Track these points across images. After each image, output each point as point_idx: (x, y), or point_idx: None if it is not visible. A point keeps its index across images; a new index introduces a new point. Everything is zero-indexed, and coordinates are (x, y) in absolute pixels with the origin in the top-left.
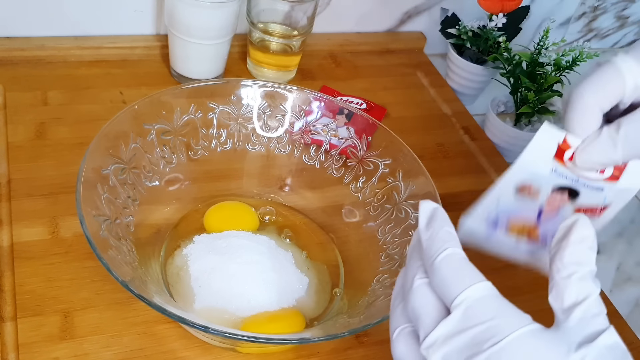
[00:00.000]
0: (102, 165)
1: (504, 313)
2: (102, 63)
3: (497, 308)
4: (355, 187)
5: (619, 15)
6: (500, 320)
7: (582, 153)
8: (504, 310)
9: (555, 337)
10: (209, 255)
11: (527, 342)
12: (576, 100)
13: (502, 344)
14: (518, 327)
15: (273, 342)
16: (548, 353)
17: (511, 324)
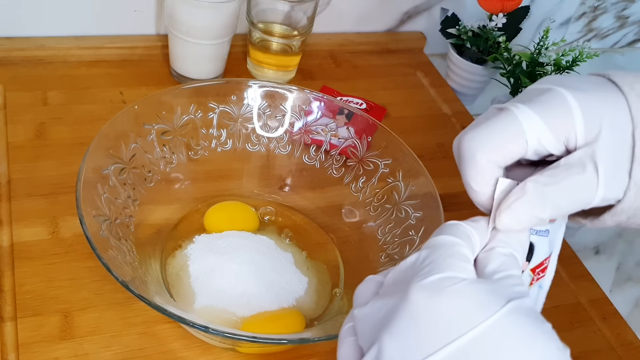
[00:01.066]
0: (102, 165)
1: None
2: (102, 63)
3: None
4: (355, 187)
5: (619, 15)
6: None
7: (507, 212)
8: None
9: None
10: (209, 255)
11: (465, 286)
12: (467, 155)
13: (431, 278)
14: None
15: (273, 342)
16: (472, 299)
17: (451, 265)
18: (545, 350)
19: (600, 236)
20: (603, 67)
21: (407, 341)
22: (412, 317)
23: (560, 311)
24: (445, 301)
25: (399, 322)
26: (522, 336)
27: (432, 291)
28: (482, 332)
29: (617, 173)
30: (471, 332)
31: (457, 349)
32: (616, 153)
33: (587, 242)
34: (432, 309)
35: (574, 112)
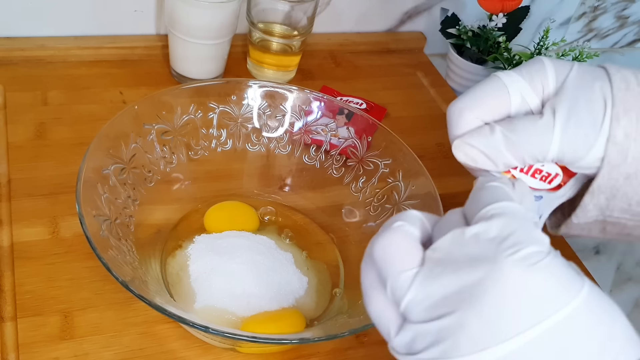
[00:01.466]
0: (102, 165)
1: (531, 227)
2: (102, 63)
3: (524, 221)
4: (355, 187)
5: (619, 15)
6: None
7: (461, 139)
8: (530, 222)
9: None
10: (209, 255)
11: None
12: (454, 114)
13: (523, 252)
14: (542, 243)
15: (273, 342)
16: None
17: (535, 238)
18: (624, 326)
19: None
20: None
21: (495, 319)
22: (505, 295)
23: None
24: (540, 278)
25: (489, 299)
26: (604, 314)
27: (528, 267)
28: (571, 313)
29: (578, 124)
30: (561, 313)
31: (547, 329)
32: (581, 105)
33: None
34: (528, 287)
35: (547, 69)
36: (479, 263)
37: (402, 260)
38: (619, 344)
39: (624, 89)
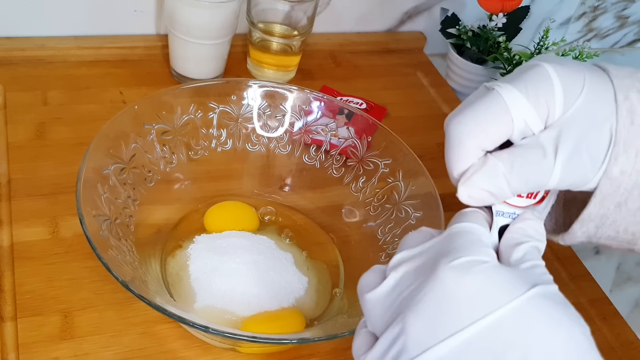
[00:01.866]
0: (102, 165)
1: (475, 242)
2: (102, 63)
3: (472, 237)
4: (355, 187)
5: (619, 15)
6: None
7: (466, 183)
8: (477, 240)
9: (507, 272)
10: (209, 255)
11: (487, 269)
12: (454, 140)
13: (459, 261)
14: (482, 254)
15: (273, 342)
16: (497, 281)
17: (475, 249)
18: (569, 333)
19: None
20: None
21: (433, 319)
22: (441, 296)
23: None
24: (473, 281)
25: (427, 301)
26: (546, 319)
27: (461, 271)
28: (507, 313)
29: (580, 165)
30: (496, 313)
31: (482, 328)
32: (584, 146)
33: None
34: (461, 288)
35: (555, 90)
36: (422, 272)
37: (367, 287)
38: (560, 348)
39: (629, 124)
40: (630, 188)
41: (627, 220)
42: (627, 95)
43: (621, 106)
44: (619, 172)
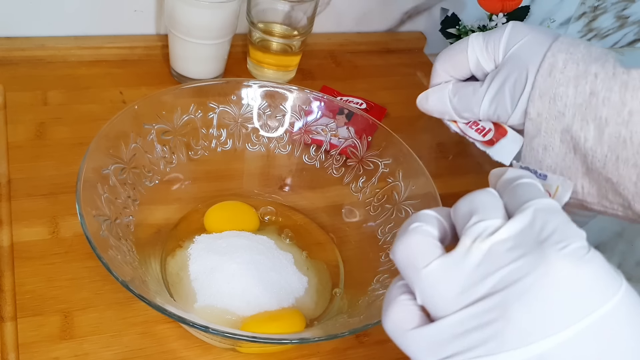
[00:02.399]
0: (102, 165)
1: (571, 224)
2: (102, 63)
3: (565, 218)
4: (355, 187)
5: (619, 15)
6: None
7: (423, 92)
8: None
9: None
10: (209, 255)
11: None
12: (433, 67)
13: (571, 247)
14: (581, 239)
15: (273, 342)
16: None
17: (575, 234)
18: None
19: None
20: None
21: (545, 311)
22: (555, 286)
23: None
24: (588, 270)
25: (537, 291)
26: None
27: (575, 260)
28: (618, 303)
29: (502, 99)
30: (609, 304)
31: (596, 320)
32: (508, 84)
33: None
34: (577, 279)
35: (504, 36)
36: (526, 257)
37: (424, 259)
38: None
39: (546, 75)
40: (551, 132)
41: (559, 165)
42: (555, 54)
43: (546, 60)
44: (536, 114)
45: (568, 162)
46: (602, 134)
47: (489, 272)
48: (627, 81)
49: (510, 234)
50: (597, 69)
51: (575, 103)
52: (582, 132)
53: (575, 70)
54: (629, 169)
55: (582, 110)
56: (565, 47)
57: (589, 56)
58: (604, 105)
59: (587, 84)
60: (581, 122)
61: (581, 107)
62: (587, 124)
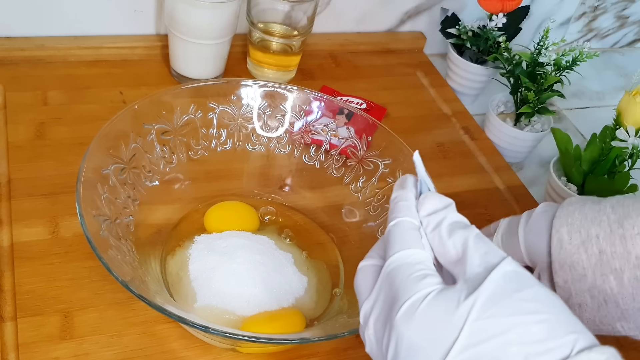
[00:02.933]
0: (102, 165)
1: (410, 279)
2: (102, 63)
3: (407, 273)
4: (355, 187)
5: (619, 15)
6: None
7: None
8: (412, 274)
9: (449, 293)
10: (209, 255)
11: (426, 305)
12: None
13: (402, 309)
14: (418, 291)
15: (273, 342)
16: (440, 308)
17: (412, 289)
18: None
19: None
20: (603, 66)
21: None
22: (406, 348)
23: None
24: (422, 322)
25: (403, 355)
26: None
27: (409, 318)
28: (468, 329)
29: None
30: (464, 330)
31: (460, 349)
32: None
33: None
34: (415, 334)
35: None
36: (384, 324)
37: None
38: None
39: (559, 248)
40: (580, 292)
41: (596, 316)
42: (558, 229)
43: (554, 237)
44: (563, 282)
45: (603, 312)
46: (622, 280)
47: (380, 345)
48: (623, 234)
49: (371, 305)
50: (597, 230)
51: (590, 264)
52: (605, 284)
53: (579, 237)
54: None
55: (599, 268)
56: (564, 219)
57: (585, 220)
58: (614, 258)
59: (594, 246)
60: (602, 277)
61: (597, 266)
62: (607, 276)
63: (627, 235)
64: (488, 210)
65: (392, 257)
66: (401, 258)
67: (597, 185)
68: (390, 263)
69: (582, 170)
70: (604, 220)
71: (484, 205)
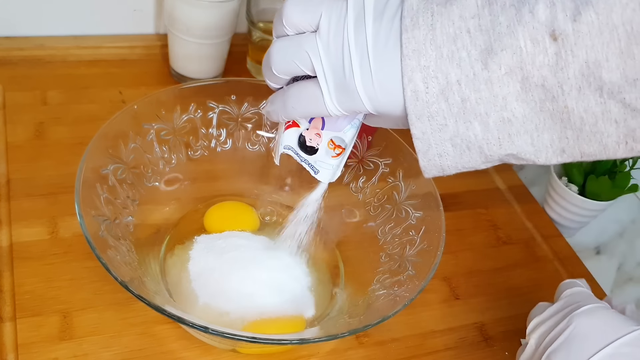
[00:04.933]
0: (102, 165)
1: None
2: (102, 63)
3: None
4: (355, 187)
5: None
6: None
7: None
8: None
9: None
10: (209, 255)
11: None
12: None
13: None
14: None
15: (273, 343)
16: None
17: None
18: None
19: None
20: None
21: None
22: (576, 332)
23: None
24: (598, 319)
25: (568, 339)
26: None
27: (589, 314)
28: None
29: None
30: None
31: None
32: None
33: (587, 242)
34: (591, 325)
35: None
36: (558, 324)
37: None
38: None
39: (414, 100)
40: (440, 142)
41: (458, 162)
42: (411, 78)
43: (406, 88)
44: (421, 133)
45: (466, 158)
46: (488, 124)
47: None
48: (489, 77)
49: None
50: (457, 74)
51: (452, 113)
52: (469, 131)
53: (437, 85)
54: (522, 137)
55: (462, 116)
56: (414, 61)
57: (441, 59)
58: (479, 105)
59: (455, 94)
60: (465, 124)
61: (460, 114)
62: (471, 123)
63: (493, 78)
64: (488, 210)
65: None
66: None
67: (598, 185)
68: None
69: (582, 170)
70: (463, 58)
71: (484, 205)
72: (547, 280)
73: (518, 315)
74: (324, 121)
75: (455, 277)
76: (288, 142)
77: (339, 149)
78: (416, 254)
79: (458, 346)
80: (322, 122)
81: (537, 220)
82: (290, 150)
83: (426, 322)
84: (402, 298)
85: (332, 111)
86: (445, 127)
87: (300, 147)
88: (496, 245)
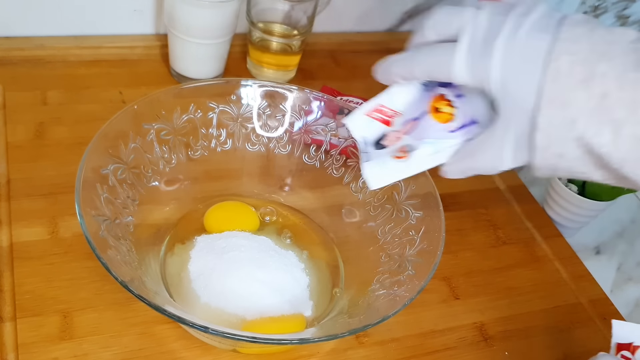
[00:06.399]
0: (102, 165)
1: None
2: (102, 63)
3: None
4: (355, 187)
5: (619, 15)
6: None
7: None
8: None
9: None
10: (209, 255)
11: None
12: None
13: None
14: None
15: (273, 343)
16: None
17: None
18: None
19: (601, 236)
20: None
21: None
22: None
23: (560, 311)
24: None
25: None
26: None
27: None
28: None
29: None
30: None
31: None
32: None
33: (587, 242)
34: None
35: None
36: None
37: None
38: None
39: (553, 80)
40: (564, 140)
41: (573, 166)
42: (558, 57)
43: (551, 65)
44: (547, 123)
45: (582, 163)
46: (619, 136)
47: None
48: (638, 78)
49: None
50: (605, 68)
51: (587, 107)
52: (596, 138)
53: (582, 72)
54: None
55: (596, 114)
56: (566, 46)
57: (593, 52)
58: (618, 107)
59: (597, 86)
60: (595, 127)
61: (594, 111)
62: (602, 128)
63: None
64: (488, 210)
65: None
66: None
67: (598, 185)
68: None
69: None
70: (617, 56)
71: (484, 205)
72: (547, 280)
73: (518, 315)
74: (416, 127)
75: (455, 277)
76: (366, 133)
77: (402, 153)
78: (416, 254)
79: (458, 346)
80: (415, 128)
81: (537, 220)
82: (363, 140)
83: (426, 322)
84: (402, 298)
85: (457, 73)
86: (575, 123)
87: (374, 143)
88: (496, 245)
